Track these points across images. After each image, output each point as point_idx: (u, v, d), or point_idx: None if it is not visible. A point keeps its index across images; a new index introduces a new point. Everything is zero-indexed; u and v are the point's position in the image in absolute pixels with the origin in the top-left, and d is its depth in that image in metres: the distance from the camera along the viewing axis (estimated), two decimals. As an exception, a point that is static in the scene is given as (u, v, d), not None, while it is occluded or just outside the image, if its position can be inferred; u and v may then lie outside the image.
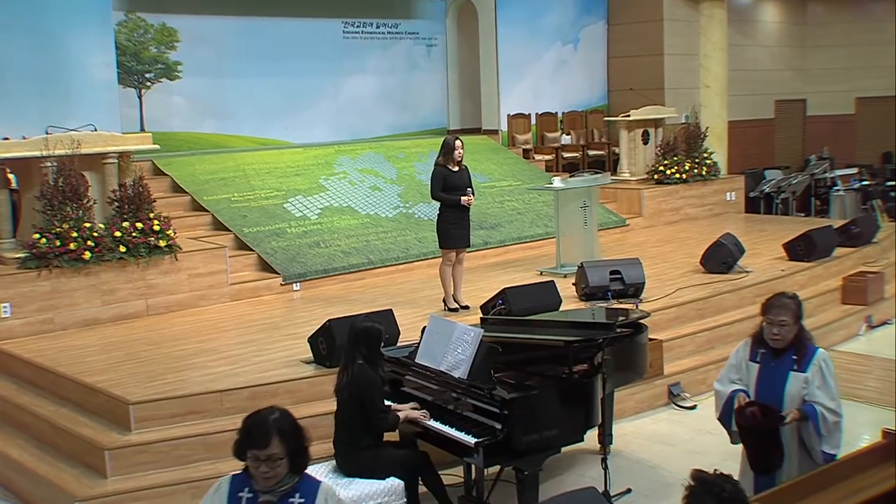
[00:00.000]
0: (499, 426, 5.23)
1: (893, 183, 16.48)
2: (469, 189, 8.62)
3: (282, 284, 9.94)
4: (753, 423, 4.89)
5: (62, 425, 6.63)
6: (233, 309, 9.30)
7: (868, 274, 10.41)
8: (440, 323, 5.95)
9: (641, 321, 6.47)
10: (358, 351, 5.57)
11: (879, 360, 8.99)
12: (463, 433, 5.34)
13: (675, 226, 13.61)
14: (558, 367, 5.73)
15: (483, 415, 5.38)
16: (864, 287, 10.13)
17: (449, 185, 8.57)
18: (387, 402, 5.71)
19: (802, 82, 19.31)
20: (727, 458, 6.71)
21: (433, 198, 8.70)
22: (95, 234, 8.64)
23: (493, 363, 5.48)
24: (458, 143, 8.66)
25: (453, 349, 5.68)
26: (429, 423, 5.60)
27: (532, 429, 5.23)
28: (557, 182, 10.47)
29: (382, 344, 5.75)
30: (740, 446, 6.98)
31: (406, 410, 5.64)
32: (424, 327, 6.09)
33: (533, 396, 5.35)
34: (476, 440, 5.22)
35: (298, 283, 10.02)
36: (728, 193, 14.77)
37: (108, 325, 8.66)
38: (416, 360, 5.92)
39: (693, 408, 7.84)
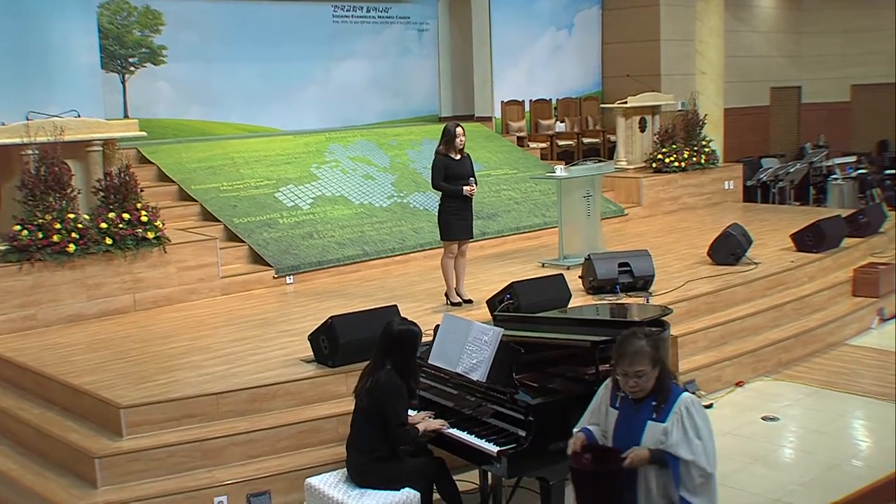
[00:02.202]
0: (523, 433, 4.88)
1: (891, 171, 16.25)
2: (472, 178, 8.26)
3: (274, 277, 9.55)
4: (586, 468, 4.22)
5: (48, 430, 6.22)
6: (224, 303, 8.91)
7: (879, 265, 10.13)
8: (455, 321, 5.58)
9: (664, 317, 6.11)
10: (389, 356, 5.18)
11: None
12: (484, 441, 4.99)
13: (675, 215, 13.31)
14: (581, 368, 5.39)
15: (505, 421, 5.03)
16: (876, 279, 9.84)
17: (451, 174, 8.21)
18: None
19: (798, 69, 19.06)
20: (752, 461, 6.47)
21: (434, 188, 8.33)
22: (80, 226, 8.24)
23: (514, 365, 5.12)
24: (459, 129, 8.29)
25: (470, 350, 5.33)
26: (449, 431, 5.22)
27: (560, 436, 4.84)
28: (560, 171, 10.12)
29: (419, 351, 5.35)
30: (766, 448, 6.78)
31: (424, 422, 5.26)
32: (437, 326, 5.73)
33: (560, 401, 4.99)
34: (499, 449, 4.86)
35: (291, 276, 9.63)
36: (726, 182, 14.47)
37: (94, 322, 8.26)
38: (430, 362, 5.56)
39: (710, 406, 7.51)
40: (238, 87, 13.15)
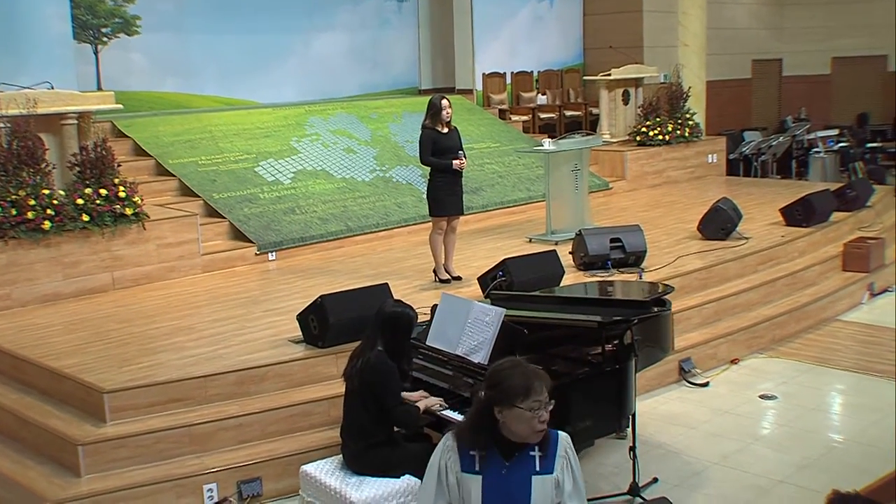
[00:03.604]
0: (527, 417, 4.69)
1: (872, 145, 16.19)
2: (461, 151, 8.04)
3: (256, 254, 9.31)
4: None
5: (27, 416, 5.96)
6: (205, 281, 8.66)
7: (869, 240, 10.03)
8: (454, 301, 5.39)
9: (666, 295, 5.95)
10: (381, 337, 4.97)
11: (890, 330, 8.59)
12: (486, 425, 4.80)
13: (659, 189, 13.17)
14: (584, 349, 5.22)
15: (508, 404, 4.84)
16: (866, 253, 9.73)
17: (439, 148, 7.98)
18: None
19: (779, 41, 18.91)
20: (753, 441, 6.35)
21: (423, 163, 8.10)
22: (55, 202, 7.94)
23: (516, 346, 4.93)
24: (445, 102, 8.05)
25: (470, 331, 5.14)
26: (445, 413, 5.05)
27: (565, 420, 4.66)
28: (549, 144, 9.92)
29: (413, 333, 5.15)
30: (763, 425, 6.67)
31: (421, 401, 5.07)
32: (434, 305, 5.54)
33: (566, 385, 4.81)
34: (503, 434, 4.67)
35: (274, 253, 9.39)
36: (709, 155, 14.34)
37: (72, 301, 7.98)
38: (428, 343, 5.37)
39: (706, 385, 7.39)
40: (215, 58, 12.81)
